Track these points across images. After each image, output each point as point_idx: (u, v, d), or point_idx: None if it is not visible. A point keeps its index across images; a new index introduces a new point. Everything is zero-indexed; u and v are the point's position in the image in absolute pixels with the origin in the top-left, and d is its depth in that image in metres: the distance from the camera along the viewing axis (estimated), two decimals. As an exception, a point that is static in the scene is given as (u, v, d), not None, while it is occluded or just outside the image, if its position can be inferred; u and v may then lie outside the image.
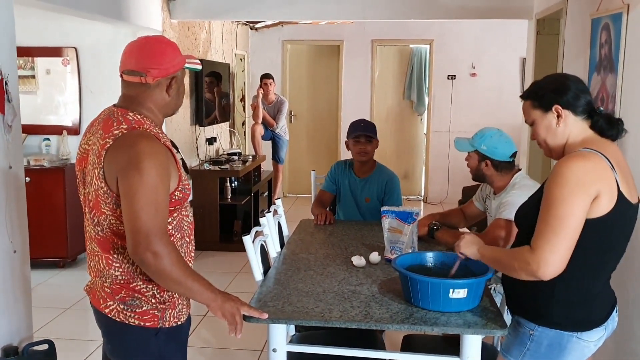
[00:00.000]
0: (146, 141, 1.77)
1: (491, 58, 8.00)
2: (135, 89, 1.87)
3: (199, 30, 6.25)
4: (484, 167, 2.88)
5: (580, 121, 1.93)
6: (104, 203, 1.80)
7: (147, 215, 1.71)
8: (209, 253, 5.73)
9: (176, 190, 1.85)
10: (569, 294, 1.89)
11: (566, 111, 1.92)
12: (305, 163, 8.46)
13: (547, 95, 1.95)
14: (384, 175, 3.64)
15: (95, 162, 1.80)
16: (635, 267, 2.66)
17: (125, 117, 1.82)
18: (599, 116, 1.92)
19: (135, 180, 1.71)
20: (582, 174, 1.78)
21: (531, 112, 2.00)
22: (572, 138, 1.93)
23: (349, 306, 2.17)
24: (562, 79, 1.99)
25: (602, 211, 1.80)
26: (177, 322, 1.92)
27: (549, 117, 1.95)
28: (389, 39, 8.20)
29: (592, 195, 1.78)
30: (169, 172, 1.81)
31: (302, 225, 3.44)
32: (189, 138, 6.00)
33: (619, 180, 1.81)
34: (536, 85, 2.03)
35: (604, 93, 3.20)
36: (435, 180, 8.31)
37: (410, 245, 2.67)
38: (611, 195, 1.80)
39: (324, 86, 8.51)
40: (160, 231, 1.74)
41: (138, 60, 1.85)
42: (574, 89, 1.92)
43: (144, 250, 1.71)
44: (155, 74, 1.85)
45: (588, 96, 1.95)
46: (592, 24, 3.41)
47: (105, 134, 1.80)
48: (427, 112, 8.37)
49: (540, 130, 1.99)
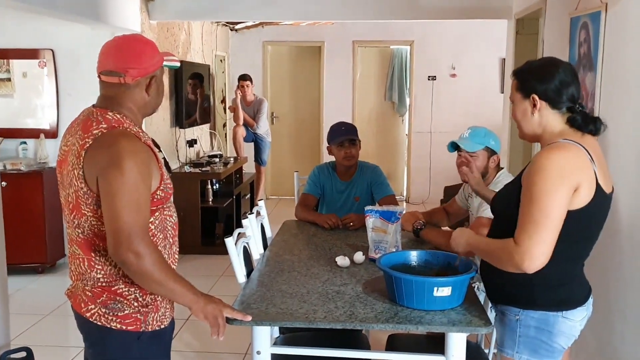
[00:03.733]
0: (127, 140, 1.75)
1: (471, 59, 8.05)
2: (114, 89, 1.85)
3: (179, 32, 6.20)
4: (491, 164, 2.87)
5: (556, 114, 1.93)
6: (85, 204, 1.77)
7: (129, 215, 1.69)
8: (191, 256, 5.68)
9: (158, 189, 1.83)
10: (547, 278, 1.90)
11: (543, 102, 1.92)
12: (288, 165, 8.43)
13: (530, 81, 1.95)
14: (367, 171, 3.62)
15: (74, 163, 1.77)
16: (615, 264, 2.68)
17: (105, 117, 1.80)
18: (577, 113, 1.92)
19: (116, 180, 1.69)
20: (563, 166, 1.79)
21: (514, 92, 2.01)
22: (550, 128, 1.94)
23: (333, 307, 2.15)
24: (551, 68, 1.93)
25: (582, 202, 1.82)
26: (160, 326, 1.90)
27: (526, 104, 1.96)
28: (370, 40, 8.22)
29: (573, 187, 1.79)
30: (151, 171, 1.79)
31: (285, 227, 3.41)
32: (169, 140, 5.95)
33: (597, 171, 1.83)
34: (527, 67, 2.00)
35: (583, 91, 3.22)
36: (417, 180, 8.34)
37: (394, 245, 2.66)
38: (590, 187, 1.82)
39: (305, 87, 8.49)
40: (142, 231, 1.72)
41: (116, 61, 1.83)
42: (558, 82, 1.90)
43: (126, 251, 1.69)
44: (134, 74, 1.83)
45: (572, 89, 1.91)
46: (571, 23, 3.44)
47: (84, 134, 1.77)
48: (409, 113, 8.40)
49: (517, 113, 2.01)
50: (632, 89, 2.65)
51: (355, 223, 3.24)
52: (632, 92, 2.64)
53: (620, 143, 2.69)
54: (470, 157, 2.85)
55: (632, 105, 2.63)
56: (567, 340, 1.96)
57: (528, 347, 1.95)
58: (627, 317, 2.58)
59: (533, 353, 1.94)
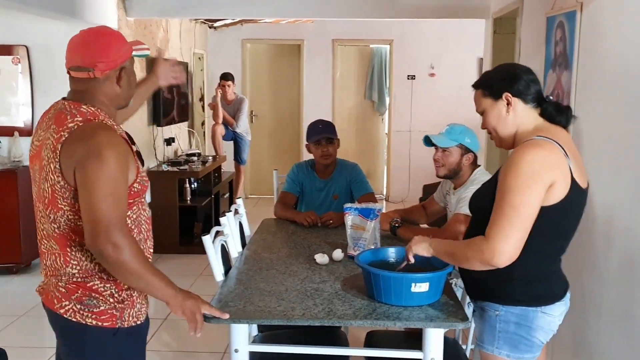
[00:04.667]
0: (104, 132, 1.75)
1: (449, 58, 8.10)
2: (84, 84, 1.84)
3: (156, 29, 6.14)
4: (465, 161, 2.89)
5: (529, 109, 1.97)
6: (61, 198, 1.75)
7: (107, 206, 1.68)
8: (169, 256, 5.63)
9: (135, 182, 1.82)
10: (527, 274, 1.92)
11: (516, 99, 1.95)
12: (268, 163, 8.41)
13: (497, 83, 1.99)
14: (346, 169, 3.62)
15: (50, 157, 1.75)
16: (590, 259, 2.71)
17: (79, 110, 1.79)
18: (548, 104, 1.97)
19: (94, 171, 1.68)
20: (537, 164, 1.81)
21: (482, 100, 2.03)
22: (523, 127, 1.96)
23: (311, 304, 2.15)
24: (512, 69, 2.03)
25: (557, 198, 1.83)
26: (136, 322, 1.88)
27: (499, 106, 1.98)
28: (350, 38, 8.22)
29: (547, 184, 1.81)
30: (128, 163, 1.78)
31: (264, 225, 3.40)
32: (147, 138, 5.89)
33: (572, 166, 1.85)
34: (487, 75, 2.08)
35: (559, 89, 3.26)
36: (397, 179, 8.37)
37: (372, 242, 2.66)
38: (565, 183, 1.84)
39: (285, 86, 8.47)
40: (121, 222, 1.71)
41: (84, 56, 1.81)
42: (524, 78, 1.96)
43: (104, 242, 1.67)
44: (103, 68, 1.81)
45: (537, 85, 1.99)
46: (547, 22, 3.47)
47: (59, 127, 1.76)
48: (388, 112, 8.42)
49: (491, 119, 2.01)
50: (606, 87, 2.68)
51: (335, 221, 3.24)
52: (607, 90, 2.68)
53: (595, 140, 2.72)
54: (443, 153, 2.91)
55: (606, 103, 2.67)
56: (546, 335, 1.98)
57: (508, 343, 1.96)
58: (602, 311, 2.62)
59: (513, 348, 1.96)
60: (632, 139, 2.40)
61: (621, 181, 2.49)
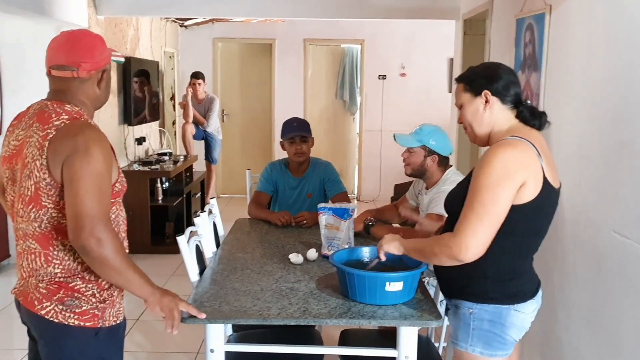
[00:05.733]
0: (91, 130, 1.78)
1: (420, 58, 8.17)
2: (66, 83, 1.85)
3: (127, 27, 6.07)
4: (429, 163, 2.93)
5: (506, 110, 2.01)
6: (46, 196, 1.76)
7: (92, 201, 1.70)
8: (140, 256, 5.54)
9: (117, 182, 1.85)
10: (500, 272, 1.96)
11: (494, 98, 1.99)
12: (239, 163, 8.38)
13: (478, 80, 2.02)
14: (320, 167, 3.64)
15: (35, 154, 1.75)
16: (559, 258, 2.78)
17: (64, 109, 1.81)
18: (524, 107, 2.01)
19: (82, 165, 1.70)
20: (509, 163, 1.85)
21: (461, 95, 2.07)
22: (498, 126, 2.01)
23: (287, 303, 2.16)
24: (496, 68, 2.07)
25: (529, 197, 1.87)
26: (116, 321, 1.90)
27: (477, 102, 2.01)
28: (321, 38, 8.24)
29: (518, 184, 1.85)
30: (112, 161, 1.81)
31: (237, 225, 3.40)
32: (117, 138, 5.82)
33: (545, 166, 1.90)
34: (471, 70, 2.10)
35: (528, 91, 3.33)
36: (368, 178, 8.42)
37: (346, 241, 2.68)
38: (537, 182, 1.88)
39: (256, 85, 8.45)
40: (105, 217, 1.73)
41: (68, 55, 1.83)
42: (505, 79, 2.00)
43: (88, 236, 1.68)
44: (87, 68, 1.84)
45: (517, 88, 2.03)
46: (517, 24, 3.54)
47: (44, 125, 1.77)
48: (360, 112, 8.46)
49: (467, 114, 2.05)
50: (574, 88, 2.75)
51: (309, 221, 3.26)
52: (574, 92, 2.75)
53: (562, 140, 2.79)
54: (408, 153, 2.99)
55: (574, 105, 2.74)
56: (519, 332, 2.02)
57: (481, 340, 2.00)
58: (570, 308, 2.69)
59: (486, 346, 1.99)
60: (599, 140, 2.47)
61: (588, 182, 2.56)
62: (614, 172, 2.33)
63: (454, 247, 1.85)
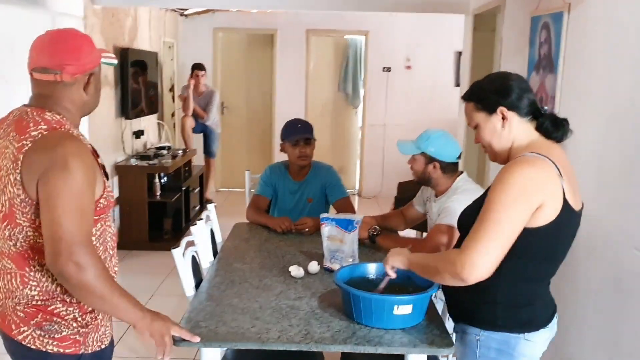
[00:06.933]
0: (71, 142, 1.62)
1: (426, 51, 7.98)
2: (49, 88, 1.70)
3: (125, 17, 5.88)
4: (430, 170, 2.77)
5: (525, 123, 1.86)
6: (21, 213, 1.61)
7: (71, 222, 1.55)
8: (137, 253, 5.46)
9: (101, 197, 1.70)
10: (512, 298, 1.83)
11: (511, 113, 1.84)
12: (239, 156, 8.23)
13: (490, 96, 1.86)
14: (321, 171, 3.49)
15: (10, 168, 1.61)
16: (570, 274, 2.63)
17: (43, 117, 1.65)
18: (544, 117, 1.86)
19: (59, 183, 1.55)
20: (526, 183, 1.70)
21: (474, 115, 1.91)
22: (518, 141, 1.85)
23: (287, 325, 2.02)
24: (505, 79, 1.90)
25: (545, 220, 1.72)
26: (100, 346, 1.76)
27: (494, 120, 1.86)
28: (324, 29, 8.05)
29: (535, 206, 1.70)
30: (95, 176, 1.66)
31: (236, 230, 3.25)
32: (114, 132, 5.66)
33: (565, 187, 1.74)
34: (478, 86, 1.94)
35: (543, 93, 3.17)
36: (370, 174, 8.26)
37: (350, 255, 2.53)
38: (555, 205, 1.73)
39: (257, 77, 8.27)
40: (85, 240, 1.58)
41: (51, 57, 1.68)
42: (517, 89, 1.84)
43: (66, 261, 1.54)
44: (71, 71, 1.69)
45: (531, 95, 1.88)
46: (532, 22, 3.38)
47: (20, 135, 1.62)
48: (362, 105, 8.29)
49: (485, 134, 1.90)
50: (592, 93, 2.60)
51: (311, 229, 3.10)
52: (593, 97, 2.59)
53: (578, 149, 2.63)
54: (412, 160, 2.83)
55: (592, 110, 2.58)
56: None
57: None
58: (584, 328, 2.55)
59: None
60: (619, 149, 2.32)
61: (606, 195, 2.41)
62: (636, 185, 2.18)
63: (457, 265, 1.70)
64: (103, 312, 1.74)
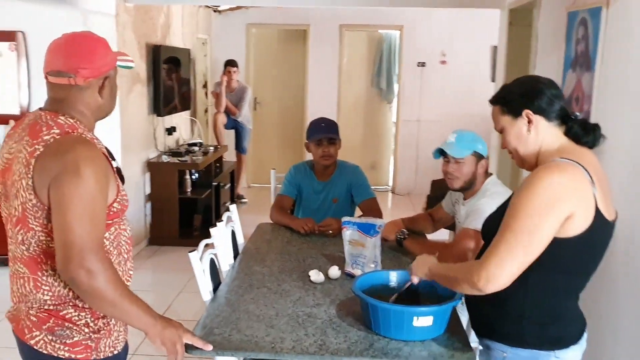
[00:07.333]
0: (83, 146, 1.60)
1: (462, 45, 7.79)
2: (64, 91, 1.69)
3: (157, 14, 5.90)
4: (480, 170, 2.66)
5: (553, 127, 1.76)
6: (33, 217, 1.60)
7: (82, 228, 1.53)
8: (167, 249, 5.51)
9: (114, 201, 1.68)
10: (539, 313, 1.73)
11: (537, 116, 1.74)
12: (270, 152, 8.21)
13: (516, 99, 1.78)
14: (347, 171, 3.41)
15: (22, 172, 1.60)
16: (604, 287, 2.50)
17: (56, 121, 1.64)
18: (574, 122, 1.75)
19: (70, 188, 1.53)
20: (556, 190, 1.60)
21: (500, 118, 1.83)
22: (546, 146, 1.76)
23: (302, 334, 1.96)
24: (534, 82, 1.82)
25: (576, 231, 1.62)
26: (113, 352, 1.74)
27: (519, 124, 1.77)
28: (358, 24, 7.94)
29: (564, 215, 1.60)
30: (108, 181, 1.64)
31: (259, 231, 3.21)
32: (146, 128, 5.69)
33: (597, 196, 1.64)
34: (505, 90, 1.86)
35: (579, 92, 3.03)
36: (404, 170, 8.13)
37: (372, 260, 2.46)
38: (587, 214, 1.62)
39: (289, 72, 8.22)
40: (96, 246, 1.56)
41: (66, 60, 1.67)
42: (547, 94, 1.75)
43: (76, 267, 1.52)
44: (85, 75, 1.67)
45: (562, 101, 1.78)
46: (568, 17, 3.23)
47: (33, 140, 1.61)
48: (396, 100, 8.16)
49: (510, 138, 1.81)
50: (631, 93, 2.46)
51: (334, 231, 3.02)
52: (631, 97, 2.45)
53: (613, 152, 2.49)
54: (457, 164, 2.65)
55: (630, 111, 2.44)
56: None
57: None
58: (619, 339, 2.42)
59: None
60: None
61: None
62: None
63: (475, 276, 1.62)
64: (115, 319, 1.72)
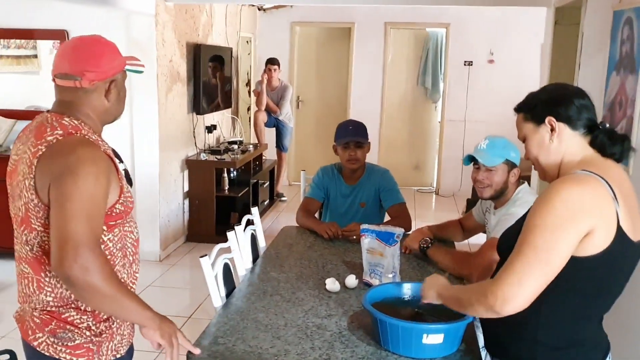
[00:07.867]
0: (85, 147, 1.60)
1: (510, 44, 7.55)
2: (70, 94, 1.70)
3: (199, 13, 5.93)
4: (512, 179, 2.54)
5: (578, 137, 1.63)
6: (35, 218, 1.61)
7: (78, 224, 1.52)
8: (205, 246, 5.54)
9: (117, 202, 1.67)
10: (555, 338, 1.61)
11: (561, 124, 1.63)
12: (312, 150, 8.16)
13: (539, 106, 1.66)
14: (375, 175, 3.32)
15: (25, 173, 1.61)
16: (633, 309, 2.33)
17: (61, 123, 1.65)
18: (600, 131, 1.62)
19: (69, 187, 1.53)
20: (575, 204, 1.48)
21: (523, 125, 1.71)
22: (569, 156, 1.63)
23: (309, 347, 1.89)
24: (560, 89, 1.71)
25: (596, 249, 1.50)
26: (116, 356, 1.74)
27: (541, 132, 1.66)
28: (404, 22, 7.80)
29: (584, 231, 1.48)
30: (109, 182, 1.63)
31: (282, 234, 3.16)
32: (185, 127, 5.73)
33: (620, 213, 1.50)
34: (530, 96, 1.74)
35: (622, 96, 2.84)
36: (448, 171, 7.94)
37: (391, 270, 2.36)
38: (607, 232, 1.49)
39: (333, 71, 8.15)
40: (92, 242, 1.54)
41: (72, 63, 1.68)
42: (575, 102, 1.63)
43: (71, 264, 1.50)
44: (91, 78, 1.68)
45: (590, 112, 1.64)
46: (614, 16, 3.03)
47: (37, 141, 1.62)
48: (442, 100, 7.98)
49: (532, 147, 1.69)
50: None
51: (358, 236, 2.93)
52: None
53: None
54: (489, 172, 2.53)
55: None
56: None
57: None
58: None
59: None
60: None
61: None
62: None
63: (490, 297, 1.51)
64: (113, 315, 1.70)
